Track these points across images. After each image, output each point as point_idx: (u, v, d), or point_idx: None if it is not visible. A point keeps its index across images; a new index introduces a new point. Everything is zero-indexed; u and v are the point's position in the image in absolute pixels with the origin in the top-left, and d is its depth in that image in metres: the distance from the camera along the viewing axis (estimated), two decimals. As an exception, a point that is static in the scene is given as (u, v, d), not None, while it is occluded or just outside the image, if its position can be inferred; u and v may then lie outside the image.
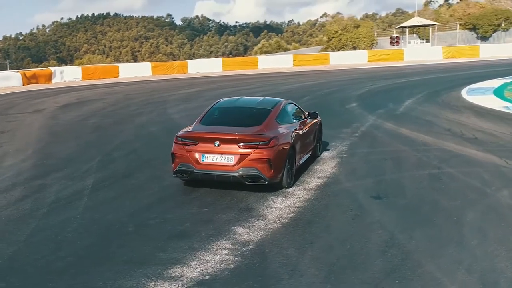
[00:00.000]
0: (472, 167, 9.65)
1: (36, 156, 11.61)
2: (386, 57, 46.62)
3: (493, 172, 9.25)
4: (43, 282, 5.39)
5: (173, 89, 28.12)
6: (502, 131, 13.12)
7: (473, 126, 13.91)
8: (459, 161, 10.11)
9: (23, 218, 7.41)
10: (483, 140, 12.03)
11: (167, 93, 25.77)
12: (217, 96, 23.10)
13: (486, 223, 6.81)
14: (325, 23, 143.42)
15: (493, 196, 7.94)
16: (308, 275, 5.39)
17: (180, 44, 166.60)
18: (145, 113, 18.23)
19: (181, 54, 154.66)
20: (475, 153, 10.77)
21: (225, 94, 23.82)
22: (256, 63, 45.60)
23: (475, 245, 6.10)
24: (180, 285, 5.21)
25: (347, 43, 65.52)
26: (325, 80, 29.98)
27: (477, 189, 8.32)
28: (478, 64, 38.13)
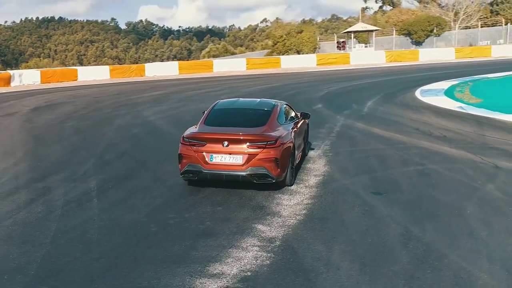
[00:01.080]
0: (452, 164, 9.97)
1: (28, 159, 11.22)
2: (333, 60, 47.35)
3: (473, 167, 9.58)
4: (86, 283, 5.25)
5: (137, 91, 27.66)
6: (466, 130, 13.59)
7: (438, 125, 14.35)
8: (438, 158, 10.42)
9: (40, 221, 7.17)
10: (452, 138, 12.44)
11: (133, 95, 25.33)
12: (185, 98, 23.09)
13: (486, 215, 7.04)
14: (266, 28, 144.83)
15: (482, 190, 8.22)
16: (344, 268, 5.46)
17: (125, 48, 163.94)
18: (121, 116, 17.87)
19: (127, 58, 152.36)
20: (450, 150, 11.13)
21: (192, 96, 23.80)
22: (211, 67, 45.46)
23: (486, 236, 6.32)
24: (225, 282, 5.18)
25: (291, 47, 66.13)
26: (283, 83, 30.17)
27: (465, 183, 8.60)
28: (419, 68, 39.21)
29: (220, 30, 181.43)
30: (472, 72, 30.35)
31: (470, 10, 76.35)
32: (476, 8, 76.60)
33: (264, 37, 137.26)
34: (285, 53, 63.81)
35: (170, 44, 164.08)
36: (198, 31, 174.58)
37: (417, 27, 69.06)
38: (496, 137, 12.50)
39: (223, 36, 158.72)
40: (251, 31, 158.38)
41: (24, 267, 5.65)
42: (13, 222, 7.12)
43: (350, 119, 15.69)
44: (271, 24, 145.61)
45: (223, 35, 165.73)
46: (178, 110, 19.24)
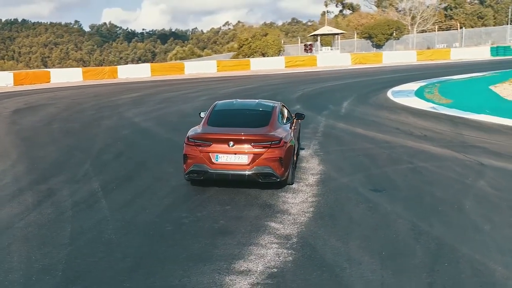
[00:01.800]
0: (440, 162, 10.19)
1: (24, 161, 10.97)
2: (301, 63, 47.71)
3: (460, 165, 9.82)
4: (118, 283, 5.19)
5: (115, 93, 27.32)
6: (443, 129, 13.90)
7: (416, 125, 14.64)
8: (425, 157, 10.63)
9: (53, 222, 7.04)
10: (432, 137, 12.71)
11: (112, 97, 25.02)
12: (164, 100, 22.92)
13: (485, 210, 7.22)
14: (228, 31, 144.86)
15: (475, 186, 8.44)
16: (365, 263, 5.54)
17: (89, 50, 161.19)
18: (105, 117, 17.61)
19: (91, 60, 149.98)
20: (434, 148, 11.37)
21: (171, 98, 23.64)
22: (182, 69, 45.22)
23: (490, 229, 6.50)
24: (255, 279, 5.20)
25: (257, 50, 66.32)
26: (257, 85, 30.25)
27: (457, 180, 8.81)
28: (385, 70, 39.84)
29: (183, 33, 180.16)
30: (437, 74, 31.01)
31: (426, 14, 77.97)
32: (431, 12, 78.31)
33: (226, 40, 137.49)
34: (250, 56, 63.95)
35: (134, 46, 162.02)
36: (162, 34, 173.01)
37: (377, 30, 70.16)
38: (473, 136, 12.83)
39: (186, 39, 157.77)
40: (214, 34, 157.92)
41: (50, 268, 5.55)
42: (26, 224, 6.98)
43: (331, 119, 15.85)
44: (234, 27, 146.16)
45: (187, 38, 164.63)
46: (161, 111, 19.08)
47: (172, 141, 13.08)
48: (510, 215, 7.01)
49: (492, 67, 35.35)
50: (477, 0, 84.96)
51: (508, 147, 11.44)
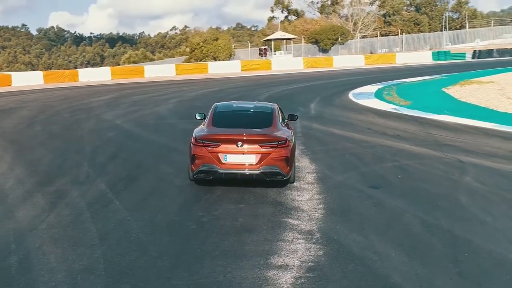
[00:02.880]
0: (422, 159, 10.54)
1: (20, 164, 10.62)
2: (257, 66, 47.94)
3: (442, 162, 10.20)
4: (165, 280, 5.16)
5: (83, 96, 26.67)
6: (413, 129, 14.37)
7: (386, 125, 15.07)
8: (406, 155, 10.96)
9: (75, 223, 6.89)
10: (406, 137, 13.12)
11: (83, 100, 24.42)
12: (136, 103, 22.59)
13: (481, 203, 7.55)
14: (175, 36, 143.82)
15: (463, 182, 8.80)
16: (393, 255, 5.70)
17: (38, 53, 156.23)
18: (84, 120, 17.18)
19: (40, 64, 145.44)
20: (411, 147, 11.75)
21: (142, 101, 23.32)
22: (142, 72, 44.60)
23: (492, 221, 6.82)
24: (295, 273, 5.28)
25: (208, 54, 66.16)
26: (221, 87, 30.21)
27: (444, 177, 9.16)
28: (338, 73, 40.46)
29: (131, 37, 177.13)
30: (389, 77, 31.85)
31: (367, 21, 79.96)
32: (372, 19, 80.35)
33: (174, 44, 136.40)
34: (202, 60, 63.68)
35: (83, 50, 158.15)
36: (110, 38, 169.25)
37: (323, 35, 71.29)
38: (443, 135, 13.33)
39: (134, 43, 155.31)
40: (161, 38, 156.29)
41: (91, 268, 5.46)
42: (49, 225, 6.80)
43: (305, 121, 16.02)
44: (181, 32, 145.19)
45: (134, 42, 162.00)
46: (137, 113, 18.78)
47: (158, 142, 13.00)
48: (505, 208, 7.37)
49: (437, 70, 36.65)
50: (413, 8, 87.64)
51: (478, 145, 11.93)
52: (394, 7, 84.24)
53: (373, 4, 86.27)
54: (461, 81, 25.55)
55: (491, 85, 23.54)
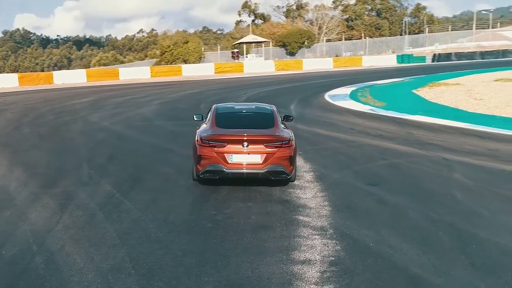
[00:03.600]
0: (409, 158, 10.75)
1: (18, 166, 10.40)
2: (229, 69, 47.92)
3: (429, 160, 10.43)
4: (195, 278, 5.17)
5: (64, 99, 26.23)
6: (393, 129, 14.63)
7: (366, 126, 15.30)
8: (393, 154, 11.17)
9: (91, 224, 6.81)
10: (388, 136, 13.35)
11: (64, 102, 24.03)
12: (119, 105, 22.32)
13: (475, 199, 7.76)
14: (143, 38, 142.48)
15: (452, 178, 9.02)
16: (407, 248, 5.82)
17: (4, 56, 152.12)
18: (71, 122, 16.92)
19: (6, 66, 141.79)
20: (396, 146, 11.98)
21: (124, 103, 23.04)
22: (117, 74, 44.15)
23: (490, 215, 7.01)
24: (319, 267, 5.35)
25: (179, 56, 65.82)
26: (199, 90, 30.10)
27: (435, 174, 9.36)
28: (310, 76, 40.75)
29: (98, 40, 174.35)
30: (360, 80, 32.25)
31: (331, 25, 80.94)
32: (335, 23, 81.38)
33: (141, 47, 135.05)
34: (172, 62, 63.35)
35: (50, 52, 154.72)
36: (77, 40, 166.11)
37: (291, 39, 71.75)
38: (422, 134, 13.62)
39: (101, 46, 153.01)
40: (129, 41, 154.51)
41: (119, 267, 5.42)
42: (65, 227, 6.71)
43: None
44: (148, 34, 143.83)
45: (101, 44, 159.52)
46: (122, 115, 18.57)
47: (151, 143, 12.90)
48: (499, 203, 7.60)
49: (404, 73, 37.30)
50: (374, 13, 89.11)
51: (457, 144, 12.22)
52: (356, 12, 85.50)
53: (336, 9, 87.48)
54: (429, 83, 26.11)
55: (458, 87, 24.16)
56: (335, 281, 5.05)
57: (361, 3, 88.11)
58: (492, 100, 19.83)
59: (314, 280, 5.07)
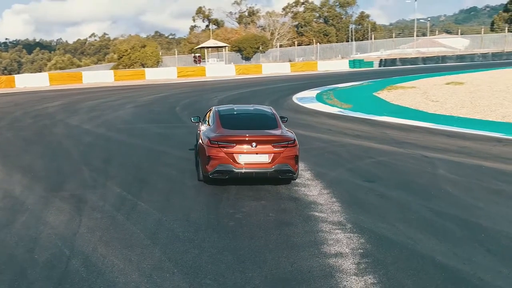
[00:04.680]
0: (393, 156, 10.95)
1: (15, 170, 9.97)
2: (192, 73, 47.56)
3: (412, 158, 10.69)
4: (239, 274, 5.13)
5: (34, 102, 25.36)
6: (367, 129, 14.90)
7: (342, 126, 15.54)
8: (378, 152, 11.36)
9: (115, 226, 6.62)
10: (366, 136, 13.59)
11: (35, 106, 23.22)
12: (93, 108, 21.75)
13: (467, 192, 8.00)
14: (95, 42, 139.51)
15: (439, 174, 9.28)
16: (425, 239, 5.97)
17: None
18: (51, 125, 16.33)
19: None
20: (376, 145, 12.21)
21: (98, 106, 22.49)
22: (80, 78, 43.07)
23: (485, 206, 7.23)
24: (353, 259, 5.41)
25: (136, 60, 64.85)
26: (168, 93, 29.70)
27: (421, 170, 9.59)
28: (271, 80, 40.76)
29: (48, 43, 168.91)
30: (321, 83, 32.71)
31: (283, 31, 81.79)
32: (286, 29, 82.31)
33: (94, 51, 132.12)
34: (130, 66, 62.37)
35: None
36: (26, 44, 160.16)
37: (246, 44, 71.99)
38: (396, 134, 13.96)
39: (52, 49, 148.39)
40: (81, 44, 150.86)
41: (160, 267, 5.32)
42: (89, 229, 6.50)
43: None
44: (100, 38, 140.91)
45: (52, 48, 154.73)
46: (100, 118, 18.09)
47: (142, 146, 12.64)
48: (489, 195, 7.87)
49: (358, 77, 38.11)
50: (322, 20, 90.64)
51: (429, 142, 12.57)
52: (305, 19, 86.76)
53: (286, 16, 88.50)
54: (387, 86, 26.79)
55: (414, 90, 24.88)
56: (372, 271, 5.12)
57: (310, 10, 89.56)
58: (447, 102, 20.55)
59: (352, 271, 5.13)
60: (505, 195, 7.87)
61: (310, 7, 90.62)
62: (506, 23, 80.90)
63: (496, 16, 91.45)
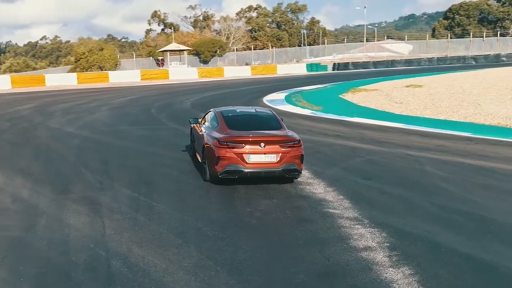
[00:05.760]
0: (379, 154, 11.20)
1: (14, 173, 9.60)
2: (155, 76, 46.91)
3: (398, 156, 10.97)
4: (283, 269, 5.19)
5: (3, 106, 24.29)
6: (344, 130, 15.15)
7: (320, 127, 15.75)
8: (364, 152, 11.56)
9: (140, 226, 6.52)
10: (346, 137, 13.82)
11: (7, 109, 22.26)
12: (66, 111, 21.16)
13: (460, 188, 8.32)
14: (46, 45, 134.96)
15: (427, 171, 9.56)
16: (442, 232, 6.20)
17: None
18: (32, 129, 15.73)
19: None
20: (360, 145, 12.43)
21: (71, 109, 21.84)
22: (43, 81, 41.64)
23: (481, 200, 7.54)
24: (382, 252, 5.55)
25: (94, 63, 63.41)
26: (138, 96, 29.15)
27: (411, 167, 9.86)
28: (236, 82, 40.60)
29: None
30: (286, 86, 32.73)
31: (238, 35, 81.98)
32: (241, 34, 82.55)
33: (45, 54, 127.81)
34: (88, 69, 60.93)
35: None
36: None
37: (204, 48, 71.70)
38: (371, 134, 14.27)
39: (2, 52, 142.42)
40: (31, 47, 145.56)
41: (202, 265, 5.30)
42: (115, 230, 6.37)
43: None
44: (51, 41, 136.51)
45: (2, 50, 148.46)
46: (80, 121, 17.55)
47: (132, 148, 12.40)
48: (481, 190, 8.20)
49: (319, 80, 38.59)
50: (274, 25, 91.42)
51: (407, 141, 12.89)
52: (259, 24, 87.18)
53: (240, 21, 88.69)
54: (351, 89, 27.35)
55: (377, 92, 25.55)
56: (405, 263, 5.28)
57: (263, 16, 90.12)
58: (410, 103, 21.21)
59: (387, 264, 5.28)
60: (495, 190, 8.24)
61: (262, 13, 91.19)
62: (446, 30, 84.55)
63: (437, 23, 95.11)
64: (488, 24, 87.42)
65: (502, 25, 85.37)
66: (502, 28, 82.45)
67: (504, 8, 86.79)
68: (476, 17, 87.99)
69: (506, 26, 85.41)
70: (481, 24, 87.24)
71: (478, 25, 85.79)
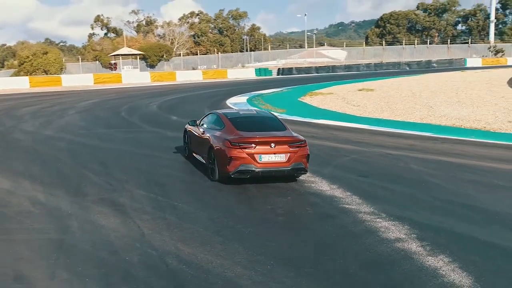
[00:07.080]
0: (362, 154, 11.48)
1: (18, 177, 9.16)
2: (108, 79, 45.65)
3: (380, 155, 11.30)
4: (332, 261, 5.33)
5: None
6: (317, 131, 15.40)
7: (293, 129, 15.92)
8: (346, 151, 11.84)
9: (174, 225, 6.44)
10: (322, 137, 14.05)
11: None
12: (34, 115, 20.29)
13: (452, 183, 8.67)
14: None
15: (413, 168, 9.95)
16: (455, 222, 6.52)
17: None
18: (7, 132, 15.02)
19: None
20: (339, 145, 12.73)
21: (40, 111, 20.87)
22: (-8, 84, 39.40)
23: (476, 195, 7.93)
24: (414, 243, 5.77)
25: (39, 67, 60.80)
26: (99, 99, 28.29)
27: (396, 165, 10.15)
28: (191, 86, 40.35)
29: None
30: (243, 90, 32.96)
31: (181, 40, 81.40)
32: (185, 39, 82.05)
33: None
34: (32, 73, 58.37)
35: None
36: None
37: (150, 52, 70.60)
38: (343, 134, 14.61)
39: None
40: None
41: (255, 260, 5.32)
42: (152, 230, 6.27)
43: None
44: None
45: None
46: (54, 124, 16.90)
47: (123, 150, 12.14)
48: (472, 185, 8.62)
49: (272, 84, 38.98)
50: (217, 31, 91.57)
51: (380, 141, 13.28)
52: (202, 29, 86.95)
53: (183, 26, 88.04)
54: (308, 93, 27.93)
55: (333, 96, 26.24)
56: (439, 252, 5.57)
57: (205, 21, 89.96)
58: (367, 106, 21.99)
59: (423, 253, 5.55)
60: (483, 184, 8.70)
61: (205, 19, 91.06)
62: (378, 37, 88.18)
63: (369, 31, 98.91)
64: (416, 32, 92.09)
65: (429, 33, 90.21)
66: (428, 37, 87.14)
67: (430, 18, 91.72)
68: (405, 25, 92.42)
69: (432, 35, 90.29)
70: (409, 32, 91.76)
71: (407, 33, 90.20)
